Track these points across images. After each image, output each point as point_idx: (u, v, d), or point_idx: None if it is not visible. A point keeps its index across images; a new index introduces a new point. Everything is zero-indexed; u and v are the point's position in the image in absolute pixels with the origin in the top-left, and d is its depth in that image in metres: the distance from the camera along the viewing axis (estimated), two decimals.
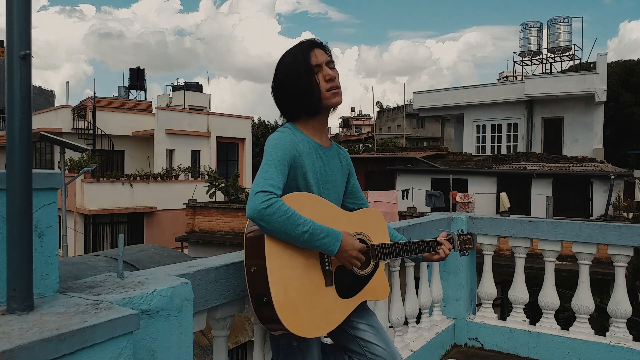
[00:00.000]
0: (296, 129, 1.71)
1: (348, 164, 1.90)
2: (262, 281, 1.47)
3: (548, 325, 3.46)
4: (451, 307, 3.71)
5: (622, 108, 26.32)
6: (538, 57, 24.11)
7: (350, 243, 1.58)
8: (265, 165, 1.55)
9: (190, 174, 20.80)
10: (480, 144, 22.43)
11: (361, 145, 36.05)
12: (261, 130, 35.13)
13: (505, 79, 32.25)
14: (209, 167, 21.30)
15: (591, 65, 22.81)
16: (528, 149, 20.57)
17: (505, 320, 3.64)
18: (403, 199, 17.40)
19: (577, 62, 23.86)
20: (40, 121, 21.03)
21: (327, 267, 1.60)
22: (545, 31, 23.64)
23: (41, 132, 10.09)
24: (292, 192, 1.60)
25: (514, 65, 24.90)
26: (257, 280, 1.49)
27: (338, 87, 1.71)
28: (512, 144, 21.65)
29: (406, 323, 3.18)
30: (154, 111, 23.52)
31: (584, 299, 3.32)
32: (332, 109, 1.74)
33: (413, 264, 3.04)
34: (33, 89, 1.08)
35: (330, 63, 1.72)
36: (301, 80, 1.66)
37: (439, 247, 1.96)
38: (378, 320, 1.87)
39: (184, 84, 32.48)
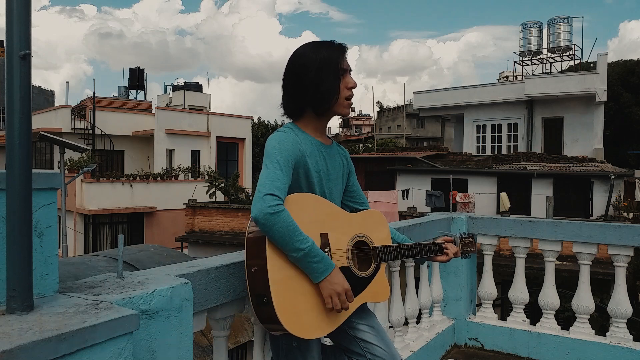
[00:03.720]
0: (297, 128, 1.70)
1: (349, 162, 1.90)
2: (262, 281, 1.47)
3: (548, 325, 3.46)
4: (451, 307, 3.71)
5: (622, 108, 26.32)
6: (538, 57, 24.10)
7: (341, 278, 1.54)
8: (270, 166, 1.53)
9: (190, 174, 20.80)
10: (481, 144, 22.42)
11: (361, 145, 36.04)
12: (261, 130, 35.13)
13: (505, 78, 32.25)
14: (209, 167, 21.29)
15: (591, 65, 22.81)
16: (528, 149, 20.57)
17: (506, 320, 3.64)
18: (403, 199, 17.39)
19: (577, 62, 23.86)
20: (40, 121, 21.03)
21: None
22: (545, 31, 23.64)
23: (41, 132, 10.08)
24: (295, 193, 1.59)
25: (514, 65, 24.91)
26: (257, 280, 1.49)
27: (352, 97, 1.73)
28: (512, 144, 21.65)
29: (406, 323, 3.17)
30: (153, 111, 23.52)
31: (584, 299, 3.32)
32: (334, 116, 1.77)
33: (413, 264, 3.04)
34: (33, 89, 1.08)
35: (350, 71, 1.74)
36: (327, 78, 1.65)
37: (445, 249, 1.94)
38: (378, 321, 1.87)
39: (183, 83, 32.45)
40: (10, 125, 1.01)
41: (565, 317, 6.94)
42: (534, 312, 3.82)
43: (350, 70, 1.74)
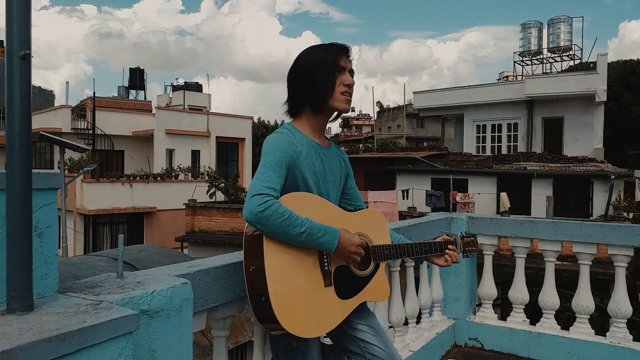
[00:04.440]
0: (295, 129, 1.72)
1: (346, 165, 1.91)
2: (260, 281, 1.47)
3: (548, 325, 3.46)
4: (451, 307, 3.71)
5: (622, 108, 26.31)
6: (538, 57, 24.09)
7: (348, 239, 1.59)
8: (262, 167, 1.55)
9: (190, 174, 20.79)
10: (481, 144, 22.42)
11: (361, 145, 36.06)
12: (261, 130, 35.15)
13: (505, 78, 32.24)
14: (209, 167, 21.29)
15: (591, 65, 22.80)
16: (528, 149, 20.56)
17: (506, 320, 3.64)
18: (403, 199, 17.39)
19: (577, 62, 23.85)
20: (40, 121, 21.02)
21: (326, 268, 1.59)
22: (545, 31, 23.62)
23: (41, 132, 10.07)
24: (293, 192, 1.60)
25: (514, 65, 24.89)
26: (255, 279, 1.49)
27: (351, 95, 1.74)
28: (512, 144, 21.64)
29: (406, 323, 3.17)
30: (153, 111, 23.52)
31: (584, 299, 3.32)
32: (334, 114, 1.77)
33: (413, 264, 3.04)
34: (33, 89, 1.08)
35: (352, 72, 1.75)
36: (322, 73, 1.67)
37: (447, 251, 1.92)
38: (378, 321, 1.87)
39: (183, 84, 32.45)
40: (10, 125, 1.01)
41: (565, 317, 6.94)
42: (534, 312, 3.82)
43: (352, 70, 1.75)
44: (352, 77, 1.75)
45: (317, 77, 1.67)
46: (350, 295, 1.67)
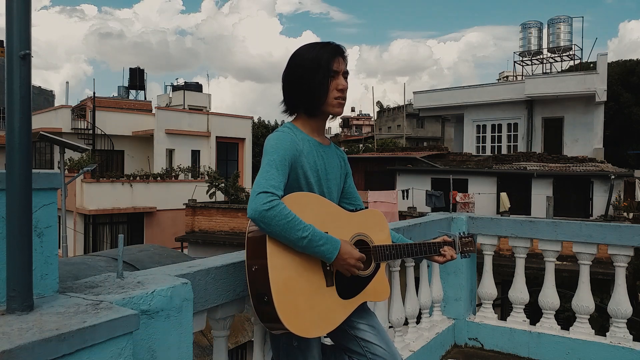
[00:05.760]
0: (296, 128, 1.72)
1: (346, 164, 1.91)
2: (263, 280, 1.47)
3: (548, 325, 3.46)
4: (451, 307, 3.71)
5: (622, 108, 26.31)
6: (538, 57, 24.09)
7: (349, 251, 1.57)
8: (266, 165, 1.55)
9: (190, 174, 20.79)
10: (481, 144, 22.42)
11: (361, 145, 36.09)
12: (261, 130, 35.12)
13: (505, 78, 32.23)
14: (209, 167, 21.29)
15: (591, 65, 22.80)
16: (528, 149, 20.57)
17: (506, 320, 3.64)
18: (403, 199, 17.39)
19: (577, 62, 23.85)
20: (40, 121, 21.02)
21: (328, 268, 1.60)
22: (545, 31, 23.63)
23: (41, 132, 10.08)
24: (295, 192, 1.60)
25: (514, 65, 24.89)
26: (258, 279, 1.49)
27: (344, 99, 1.73)
28: (512, 144, 21.64)
29: (406, 323, 3.17)
30: (153, 111, 23.52)
31: (584, 299, 3.32)
32: (330, 116, 1.76)
33: (413, 263, 3.04)
34: (33, 89, 1.08)
35: (346, 74, 1.73)
36: (315, 78, 1.66)
37: (442, 250, 1.94)
38: (378, 321, 1.87)
39: (183, 83, 32.45)
40: (10, 125, 1.01)
41: (565, 317, 6.93)
42: (534, 312, 3.82)
43: (346, 72, 1.72)
44: (347, 78, 1.73)
45: (310, 83, 1.66)
46: (352, 295, 1.67)
